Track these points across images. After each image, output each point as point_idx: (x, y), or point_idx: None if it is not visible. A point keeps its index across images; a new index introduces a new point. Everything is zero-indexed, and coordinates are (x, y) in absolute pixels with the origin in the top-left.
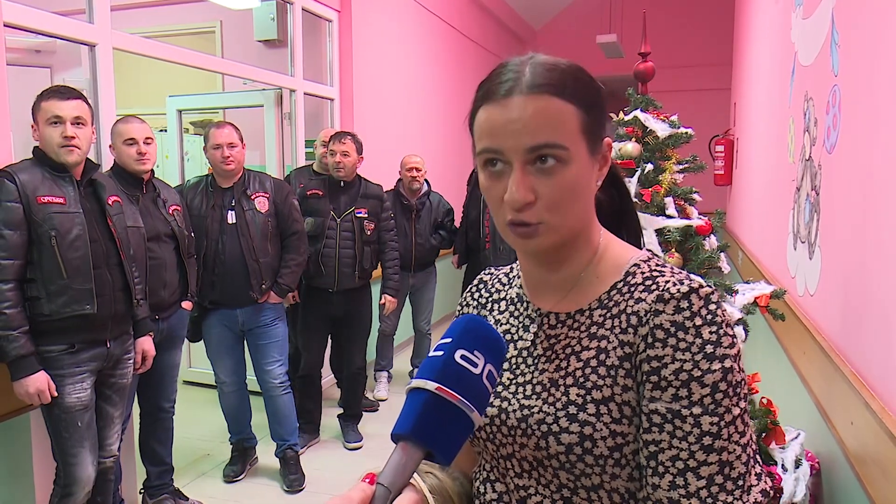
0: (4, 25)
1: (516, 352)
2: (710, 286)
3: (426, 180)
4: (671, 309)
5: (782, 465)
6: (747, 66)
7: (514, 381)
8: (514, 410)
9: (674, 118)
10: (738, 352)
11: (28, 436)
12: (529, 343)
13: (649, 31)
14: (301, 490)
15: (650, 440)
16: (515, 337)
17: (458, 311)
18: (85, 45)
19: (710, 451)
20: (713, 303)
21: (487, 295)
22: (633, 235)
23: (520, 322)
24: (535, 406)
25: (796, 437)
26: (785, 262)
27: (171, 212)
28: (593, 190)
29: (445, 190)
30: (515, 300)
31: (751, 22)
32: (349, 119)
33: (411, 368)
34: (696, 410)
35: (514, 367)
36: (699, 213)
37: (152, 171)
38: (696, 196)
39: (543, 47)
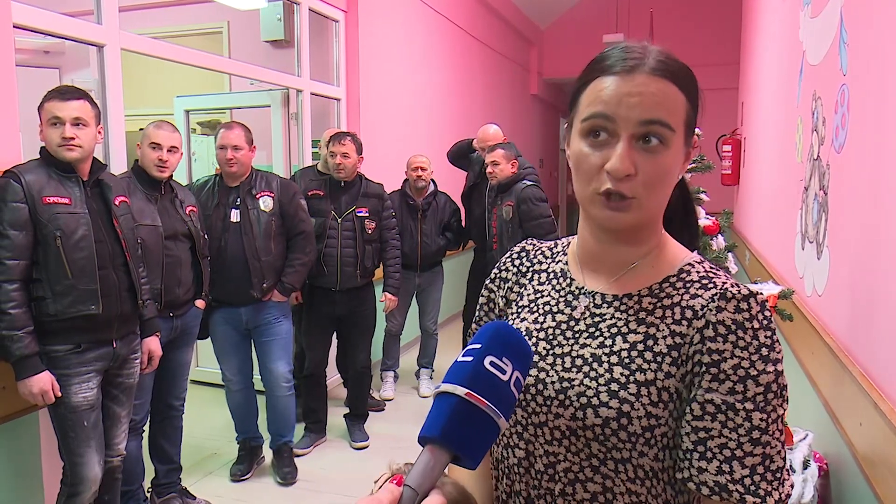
0: (14, 26)
1: (554, 323)
2: (762, 293)
3: (433, 180)
4: (732, 308)
5: (790, 466)
6: (755, 66)
7: (551, 352)
8: (553, 382)
9: None
10: (783, 357)
11: (36, 435)
12: (569, 318)
13: (656, 30)
14: (294, 483)
15: (701, 427)
16: (555, 309)
17: (496, 274)
18: (93, 45)
19: (757, 445)
20: (767, 310)
21: (528, 265)
22: (693, 238)
23: (561, 296)
24: (576, 379)
25: (804, 438)
26: (793, 262)
27: (187, 212)
28: (676, 181)
29: (453, 190)
30: (559, 275)
31: (758, 21)
32: (355, 119)
33: (417, 368)
34: (749, 406)
35: (550, 337)
36: (707, 213)
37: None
38: (703, 196)
39: (550, 47)
